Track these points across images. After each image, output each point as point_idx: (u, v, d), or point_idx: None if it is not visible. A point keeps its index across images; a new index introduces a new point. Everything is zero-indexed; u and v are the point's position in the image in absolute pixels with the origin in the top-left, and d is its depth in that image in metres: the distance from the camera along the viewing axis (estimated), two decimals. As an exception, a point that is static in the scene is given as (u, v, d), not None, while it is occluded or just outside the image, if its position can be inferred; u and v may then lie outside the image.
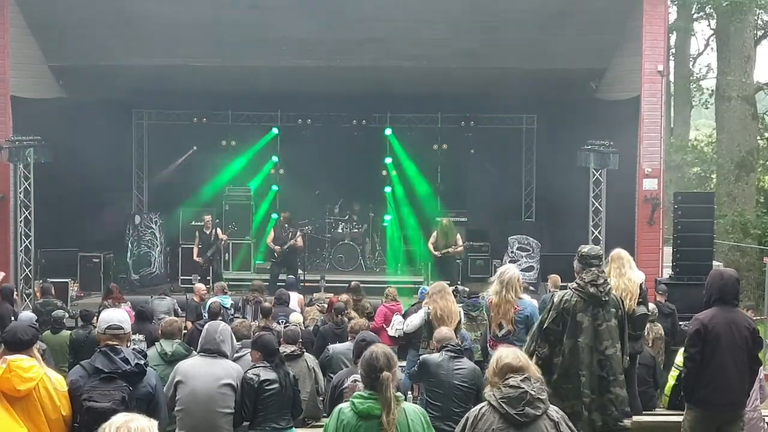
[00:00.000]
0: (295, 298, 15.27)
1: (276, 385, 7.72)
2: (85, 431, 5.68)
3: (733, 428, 7.74)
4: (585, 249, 8.11)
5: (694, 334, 7.64)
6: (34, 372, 5.70)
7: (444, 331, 8.27)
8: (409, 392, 10.06)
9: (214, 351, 7.72)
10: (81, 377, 5.99)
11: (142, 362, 6.13)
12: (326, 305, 14.36)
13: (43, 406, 5.70)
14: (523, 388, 4.99)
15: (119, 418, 3.75)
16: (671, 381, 10.49)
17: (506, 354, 5.24)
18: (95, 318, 11.58)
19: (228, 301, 15.12)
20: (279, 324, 12.87)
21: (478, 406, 5.21)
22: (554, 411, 5.06)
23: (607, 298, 7.74)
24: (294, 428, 8.09)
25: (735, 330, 7.56)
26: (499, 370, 5.15)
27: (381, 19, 18.45)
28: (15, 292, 16.48)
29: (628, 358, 8.10)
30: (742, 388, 7.72)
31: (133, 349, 6.43)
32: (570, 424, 5.11)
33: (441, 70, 18.80)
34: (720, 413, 7.70)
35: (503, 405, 4.99)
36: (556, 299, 7.85)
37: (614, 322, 7.75)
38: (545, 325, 7.73)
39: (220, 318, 12.76)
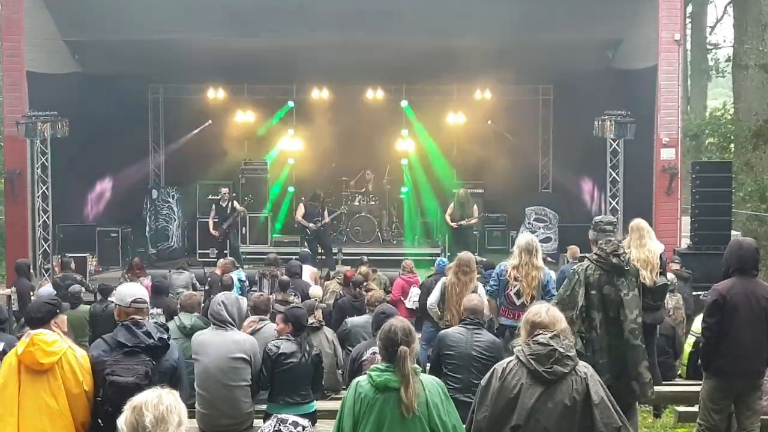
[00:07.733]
0: (308, 272, 15.20)
1: (294, 360, 7.70)
2: (108, 405, 5.68)
3: (751, 397, 7.76)
4: (598, 217, 8.35)
5: (713, 304, 7.63)
6: (57, 346, 5.74)
7: (474, 301, 8.17)
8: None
9: (218, 320, 7.71)
10: (104, 351, 5.98)
11: (165, 336, 6.13)
12: (343, 278, 14.36)
13: (66, 380, 5.73)
14: (552, 345, 4.99)
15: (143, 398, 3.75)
16: (688, 348, 10.50)
17: (535, 311, 5.23)
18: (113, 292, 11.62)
19: (243, 275, 15.15)
20: (295, 296, 12.89)
21: (506, 360, 5.21)
22: (583, 366, 5.06)
23: (628, 267, 7.73)
24: (314, 402, 8.01)
25: (753, 300, 7.55)
26: (527, 327, 5.16)
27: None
28: (31, 267, 16.57)
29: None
30: (759, 358, 7.72)
31: (155, 322, 6.43)
32: (599, 379, 5.09)
33: (457, 41, 18.67)
34: (737, 383, 7.71)
35: (532, 362, 4.99)
36: (581, 275, 7.70)
37: (637, 291, 7.74)
38: (580, 304, 7.60)
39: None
